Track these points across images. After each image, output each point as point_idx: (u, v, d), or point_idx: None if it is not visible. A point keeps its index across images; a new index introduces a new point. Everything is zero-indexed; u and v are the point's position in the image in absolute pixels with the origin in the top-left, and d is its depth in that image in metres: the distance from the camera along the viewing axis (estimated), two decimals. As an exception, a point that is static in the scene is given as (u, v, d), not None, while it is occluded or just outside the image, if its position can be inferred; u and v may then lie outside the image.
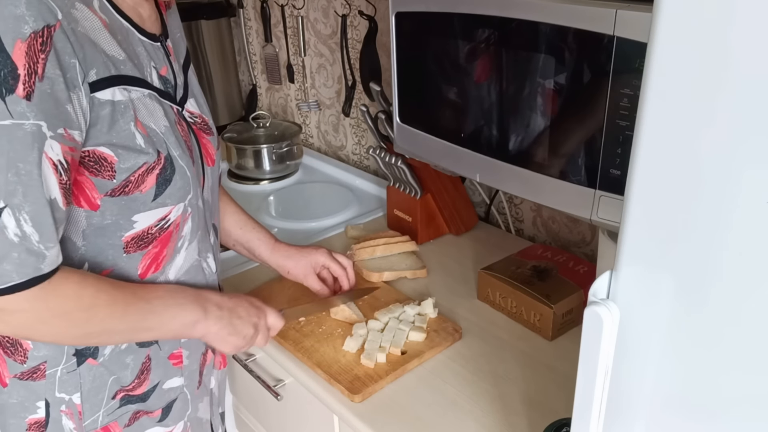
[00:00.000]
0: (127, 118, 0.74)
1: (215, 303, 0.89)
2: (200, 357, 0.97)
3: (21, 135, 0.65)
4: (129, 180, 0.76)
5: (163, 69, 0.84)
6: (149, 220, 0.80)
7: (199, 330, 0.88)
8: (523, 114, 0.95)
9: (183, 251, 0.88)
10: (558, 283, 1.16)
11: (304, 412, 1.17)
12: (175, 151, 0.81)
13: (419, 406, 0.99)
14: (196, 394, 0.98)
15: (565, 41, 0.85)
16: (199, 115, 0.92)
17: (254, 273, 1.34)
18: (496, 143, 1.01)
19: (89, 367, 0.83)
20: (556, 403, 0.98)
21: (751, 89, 0.44)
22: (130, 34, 0.79)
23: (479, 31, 0.97)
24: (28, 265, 0.68)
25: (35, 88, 0.65)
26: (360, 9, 1.66)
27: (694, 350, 0.54)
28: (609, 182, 0.85)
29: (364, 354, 1.05)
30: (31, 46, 0.64)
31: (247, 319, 0.93)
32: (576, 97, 0.87)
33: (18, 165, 0.65)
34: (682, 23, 0.47)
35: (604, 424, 0.63)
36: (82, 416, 0.84)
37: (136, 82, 0.77)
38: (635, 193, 0.54)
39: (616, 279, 0.58)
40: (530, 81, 0.92)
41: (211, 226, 0.96)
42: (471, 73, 1.01)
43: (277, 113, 2.20)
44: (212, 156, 0.94)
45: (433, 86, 1.09)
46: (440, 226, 1.47)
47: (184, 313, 0.85)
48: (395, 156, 1.36)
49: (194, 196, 0.86)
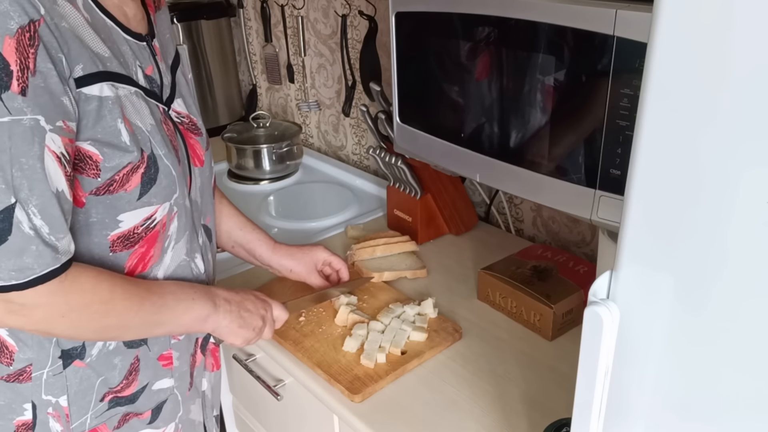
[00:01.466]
0: (114, 115, 0.74)
1: (224, 297, 0.92)
2: (190, 358, 0.97)
3: (20, 130, 0.65)
4: (113, 179, 0.76)
5: (149, 68, 0.84)
6: (135, 219, 0.81)
7: (210, 324, 0.90)
8: (523, 114, 0.95)
9: (170, 251, 0.89)
10: (558, 283, 1.16)
11: (304, 412, 1.17)
12: (161, 150, 0.81)
13: (419, 406, 0.99)
14: (187, 396, 0.98)
15: (565, 41, 0.85)
16: (187, 115, 0.92)
17: (253, 274, 1.34)
18: (497, 143, 1.01)
19: (75, 370, 0.83)
20: (556, 403, 0.98)
21: (751, 89, 0.44)
22: (114, 32, 0.79)
23: (479, 31, 0.97)
24: (46, 256, 0.69)
25: (29, 83, 0.65)
26: (360, 9, 1.66)
27: (694, 350, 0.54)
28: (609, 182, 0.85)
29: (363, 354, 1.05)
30: (20, 42, 0.64)
31: (255, 312, 0.96)
32: (576, 97, 0.87)
33: (21, 160, 0.66)
34: (682, 23, 0.47)
35: (604, 424, 0.63)
36: (69, 419, 0.84)
37: (122, 79, 0.77)
38: (635, 193, 0.54)
39: (616, 279, 0.58)
40: (530, 81, 0.92)
41: (201, 226, 0.96)
42: (471, 73, 1.01)
43: (277, 113, 2.20)
44: (200, 156, 0.94)
45: (433, 86, 1.09)
46: (440, 226, 1.47)
47: (196, 307, 0.87)
48: (395, 156, 1.36)
49: (180, 195, 0.86)
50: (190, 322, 0.88)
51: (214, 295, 0.91)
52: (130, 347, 0.87)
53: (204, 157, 0.95)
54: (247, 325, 0.94)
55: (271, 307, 1.00)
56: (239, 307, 0.93)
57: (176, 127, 0.89)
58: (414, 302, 1.19)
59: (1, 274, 0.67)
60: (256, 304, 0.97)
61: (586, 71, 0.84)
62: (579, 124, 0.88)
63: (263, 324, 0.97)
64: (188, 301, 0.86)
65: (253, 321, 0.95)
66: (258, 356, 1.25)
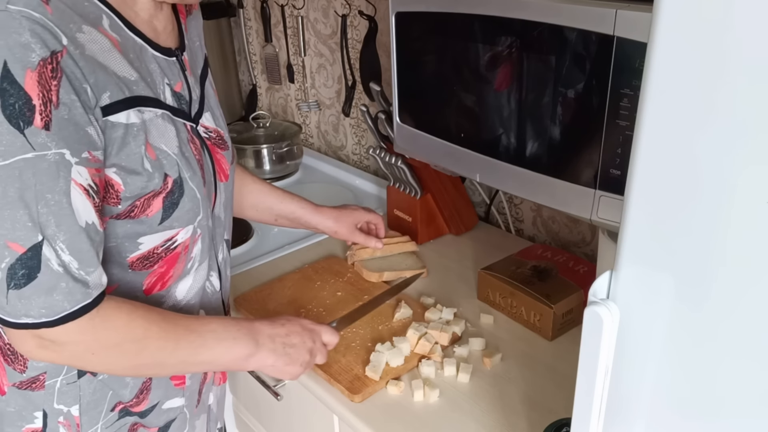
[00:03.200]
0: (138, 141, 0.73)
1: (267, 334, 0.87)
2: (201, 376, 0.96)
3: (45, 166, 0.64)
4: (134, 205, 0.75)
5: (178, 85, 0.82)
6: (155, 241, 0.80)
7: (253, 363, 0.87)
8: (523, 114, 0.95)
9: (193, 272, 0.87)
10: (558, 283, 1.16)
11: (304, 412, 1.17)
12: (186, 173, 0.80)
13: (419, 406, 0.99)
14: (194, 413, 0.97)
15: (565, 41, 0.85)
16: (215, 129, 0.90)
17: (254, 273, 1.34)
18: (496, 143, 1.01)
19: (89, 380, 0.82)
20: (556, 403, 0.98)
21: (751, 89, 0.44)
22: (144, 51, 0.77)
23: (479, 31, 0.97)
24: (76, 292, 0.68)
25: (52, 116, 0.64)
26: (360, 9, 1.66)
27: (694, 350, 0.54)
28: (609, 182, 0.85)
29: (369, 366, 1.03)
30: (42, 75, 0.63)
31: (302, 346, 0.91)
32: (576, 97, 0.87)
33: (47, 196, 0.65)
34: (682, 23, 0.47)
35: (604, 424, 0.63)
36: (80, 428, 0.84)
37: (149, 102, 0.75)
38: (635, 193, 0.54)
39: (616, 279, 0.58)
40: (530, 81, 0.92)
41: (223, 241, 0.95)
42: (471, 73, 1.01)
43: (277, 113, 2.20)
44: (226, 171, 0.93)
45: (433, 86, 1.09)
46: (440, 226, 1.47)
47: (237, 347, 0.84)
48: (395, 156, 1.36)
49: (204, 217, 0.85)
50: (230, 362, 0.85)
51: (257, 332, 0.86)
52: None
53: (229, 172, 0.94)
54: (294, 362, 0.89)
55: (320, 335, 0.95)
56: (284, 344, 0.89)
57: (203, 143, 0.87)
58: (437, 310, 1.17)
59: (32, 311, 0.67)
60: (302, 336, 0.91)
61: (586, 71, 0.84)
62: (579, 124, 0.88)
63: (311, 357, 0.92)
64: (229, 341, 0.83)
65: (300, 356, 0.90)
66: (258, 356, 1.25)
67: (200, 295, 0.91)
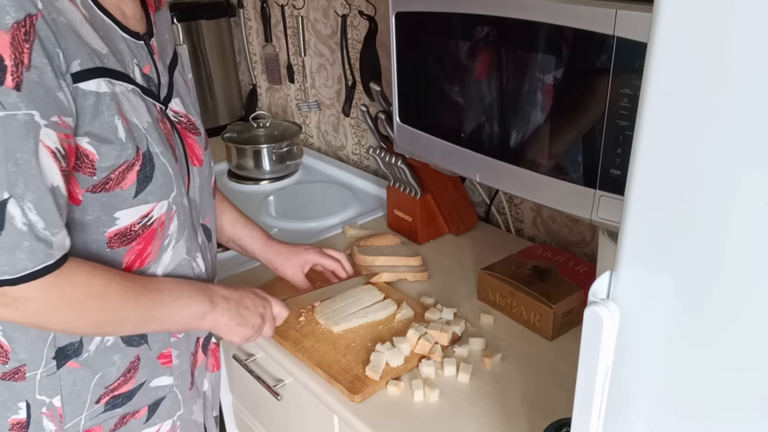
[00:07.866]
0: (111, 111, 0.75)
1: (222, 295, 0.91)
2: (190, 357, 0.97)
3: (15, 125, 0.66)
4: (109, 177, 0.77)
5: (146, 67, 0.84)
6: (131, 217, 0.81)
7: (208, 321, 0.89)
8: (524, 114, 0.95)
9: (170, 249, 0.89)
10: (558, 283, 1.16)
11: (304, 412, 1.17)
12: (157, 147, 0.81)
13: (419, 406, 0.99)
14: (188, 396, 0.98)
15: (565, 41, 0.85)
16: (185, 114, 0.92)
17: (254, 273, 1.34)
18: (497, 143, 1.01)
19: (69, 370, 0.83)
20: (556, 403, 0.98)
21: (752, 89, 0.44)
22: (112, 30, 0.79)
23: (479, 31, 0.97)
24: (39, 252, 0.69)
25: (23, 77, 0.65)
26: (360, 9, 1.66)
27: (693, 350, 0.54)
28: (609, 182, 0.85)
29: (369, 366, 1.03)
30: (14, 37, 0.65)
31: (254, 309, 0.95)
32: (576, 97, 0.87)
33: (16, 155, 0.66)
34: (682, 23, 0.47)
35: (604, 424, 0.63)
36: (63, 419, 0.85)
37: (119, 76, 0.77)
38: (635, 193, 0.54)
39: (616, 279, 0.58)
40: (530, 81, 0.92)
41: (200, 226, 0.96)
42: (471, 72, 1.01)
43: (277, 113, 2.20)
44: (199, 156, 0.94)
45: (433, 86, 1.09)
46: (440, 226, 1.47)
47: (193, 304, 0.87)
48: (395, 156, 1.36)
49: (178, 194, 0.86)
50: (187, 320, 0.87)
51: (212, 292, 0.90)
52: (130, 345, 0.87)
53: (203, 157, 0.95)
54: (246, 323, 0.94)
55: (271, 305, 0.99)
56: (237, 304, 0.93)
57: (174, 126, 0.89)
58: (436, 309, 1.18)
59: None
60: (255, 301, 0.96)
61: (586, 71, 0.84)
62: (579, 124, 0.88)
63: (262, 321, 0.97)
64: (185, 298, 0.86)
65: (251, 319, 0.95)
66: (258, 356, 1.25)
67: (182, 274, 0.92)
